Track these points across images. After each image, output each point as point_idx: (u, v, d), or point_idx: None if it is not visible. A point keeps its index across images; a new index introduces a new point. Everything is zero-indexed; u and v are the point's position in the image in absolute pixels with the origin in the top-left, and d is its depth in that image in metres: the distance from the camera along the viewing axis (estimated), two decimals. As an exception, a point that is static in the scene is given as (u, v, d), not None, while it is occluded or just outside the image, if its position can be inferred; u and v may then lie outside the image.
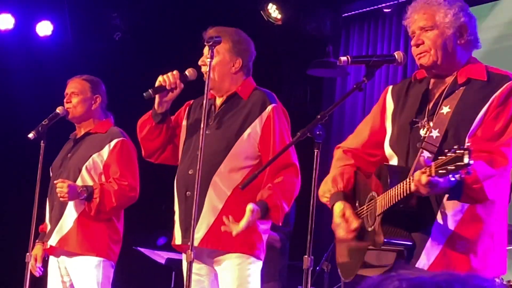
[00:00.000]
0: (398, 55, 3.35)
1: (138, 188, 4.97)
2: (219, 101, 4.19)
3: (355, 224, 3.27)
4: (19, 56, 8.06)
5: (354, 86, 3.31)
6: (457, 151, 2.77)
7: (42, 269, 5.08)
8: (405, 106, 3.35)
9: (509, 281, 5.24)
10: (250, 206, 3.85)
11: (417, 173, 2.94)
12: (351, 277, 3.39)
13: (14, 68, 8.04)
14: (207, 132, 4.03)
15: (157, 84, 4.13)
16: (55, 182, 4.83)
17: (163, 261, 7.15)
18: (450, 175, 2.82)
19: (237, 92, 4.15)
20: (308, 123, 3.25)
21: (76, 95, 5.08)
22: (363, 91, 6.31)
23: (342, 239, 3.35)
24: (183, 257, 4.04)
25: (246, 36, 4.22)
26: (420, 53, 3.24)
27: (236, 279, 4.00)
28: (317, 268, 6.15)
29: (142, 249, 7.27)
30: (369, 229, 3.25)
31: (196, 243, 3.93)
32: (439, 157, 2.86)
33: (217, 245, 4.01)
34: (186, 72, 4.16)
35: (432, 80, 3.33)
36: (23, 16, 8.07)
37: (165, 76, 4.12)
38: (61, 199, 4.79)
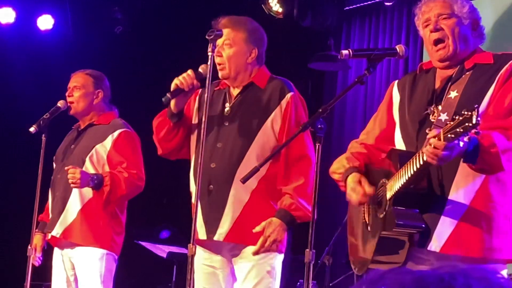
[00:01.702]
0: (399, 48, 3.35)
1: (144, 179, 4.95)
2: (235, 91, 4.07)
3: (370, 189, 3.29)
4: (20, 50, 8.05)
5: (356, 79, 3.32)
6: (465, 112, 2.76)
7: (42, 259, 5.10)
8: (413, 97, 3.37)
9: (510, 275, 5.24)
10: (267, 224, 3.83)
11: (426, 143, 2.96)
12: (364, 270, 3.39)
13: (15, 62, 8.03)
14: (225, 124, 3.99)
15: (173, 87, 3.94)
16: (66, 168, 4.77)
17: (164, 255, 7.16)
18: (459, 139, 2.79)
19: (253, 82, 4.03)
20: (310, 116, 3.25)
21: (78, 89, 5.06)
22: (365, 85, 6.29)
23: (356, 205, 3.37)
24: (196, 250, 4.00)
25: (258, 24, 4.13)
26: (439, 39, 3.26)
27: (254, 270, 3.91)
28: (319, 262, 6.15)
29: (143, 243, 7.28)
30: (381, 215, 3.25)
31: (221, 238, 3.90)
32: (448, 123, 2.85)
33: (242, 239, 3.92)
34: (200, 69, 3.96)
35: (439, 70, 3.35)
36: (24, 10, 8.06)
37: (181, 78, 3.93)
38: (72, 185, 4.74)
